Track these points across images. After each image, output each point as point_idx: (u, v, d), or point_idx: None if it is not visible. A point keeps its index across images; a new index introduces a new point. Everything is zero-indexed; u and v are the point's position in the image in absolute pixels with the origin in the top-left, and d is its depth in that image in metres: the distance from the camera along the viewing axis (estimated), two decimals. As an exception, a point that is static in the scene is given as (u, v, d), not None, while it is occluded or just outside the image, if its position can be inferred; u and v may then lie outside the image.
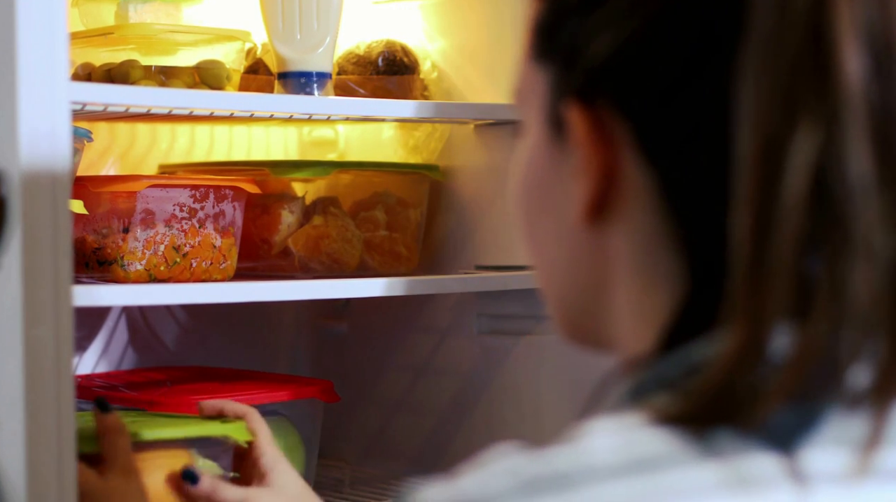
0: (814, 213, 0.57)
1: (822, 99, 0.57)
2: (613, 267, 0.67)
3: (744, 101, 0.58)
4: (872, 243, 0.57)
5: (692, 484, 0.57)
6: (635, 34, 0.63)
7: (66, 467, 1.21)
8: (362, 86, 1.75)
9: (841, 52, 0.57)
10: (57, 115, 1.22)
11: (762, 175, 0.58)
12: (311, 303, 1.97)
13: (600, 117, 0.65)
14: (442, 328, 1.85)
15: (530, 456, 0.58)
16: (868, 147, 0.57)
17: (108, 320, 1.83)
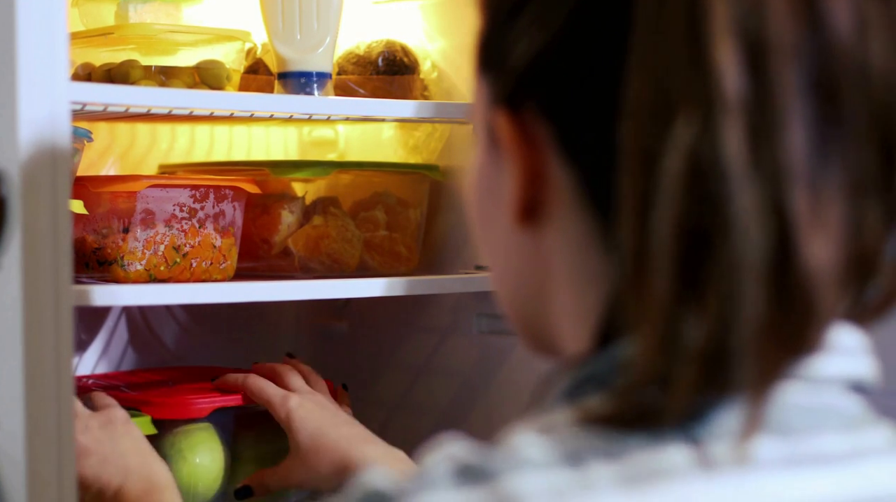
0: (692, 200, 0.59)
1: (698, 90, 0.59)
2: (551, 269, 0.69)
3: (628, 93, 0.61)
4: (748, 228, 0.59)
5: (604, 481, 0.59)
6: (547, 40, 0.66)
7: (66, 467, 1.21)
8: (362, 86, 1.75)
9: (715, 46, 0.59)
10: (57, 116, 1.22)
11: (642, 164, 0.60)
12: (311, 303, 1.97)
13: (525, 121, 0.68)
14: (442, 328, 1.85)
15: (469, 447, 0.61)
16: (740, 135, 0.59)
17: (108, 320, 1.83)
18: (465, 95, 1.79)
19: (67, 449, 1.21)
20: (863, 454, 0.65)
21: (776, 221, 0.59)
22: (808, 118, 0.61)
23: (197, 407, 1.57)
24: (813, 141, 0.61)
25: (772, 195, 0.60)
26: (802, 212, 0.60)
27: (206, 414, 1.57)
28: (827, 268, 0.61)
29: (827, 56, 0.61)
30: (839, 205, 0.62)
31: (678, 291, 0.60)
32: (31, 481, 1.19)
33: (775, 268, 0.60)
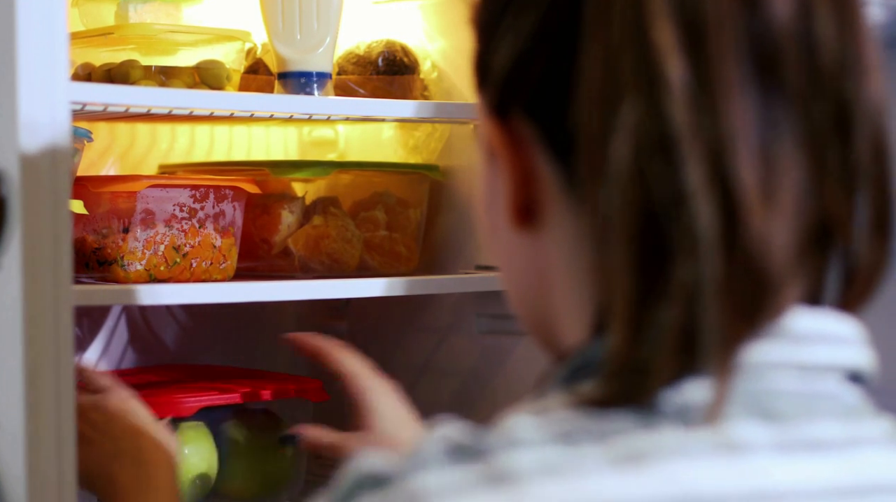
0: (643, 181, 0.62)
1: (641, 72, 0.62)
2: (550, 268, 0.71)
3: (581, 81, 0.64)
4: (698, 201, 0.61)
5: (594, 459, 0.61)
6: (520, 46, 0.69)
7: (66, 467, 1.21)
8: (362, 86, 1.75)
9: (654, 28, 0.62)
10: (57, 116, 1.22)
11: (595, 148, 0.63)
12: (311, 303, 1.97)
13: (513, 126, 0.71)
14: (442, 328, 1.85)
15: (462, 428, 0.63)
16: (683, 111, 0.61)
17: (108, 320, 1.83)
18: (465, 95, 1.79)
19: (67, 448, 1.21)
20: (859, 442, 0.66)
21: (724, 193, 0.61)
22: (752, 90, 0.63)
23: (184, 405, 1.57)
24: (758, 111, 0.63)
25: (718, 168, 0.61)
26: (750, 182, 0.61)
27: (192, 412, 1.57)
28: (781, 237, 0.62)
29: (767, 33, 0.63)
30: (793, 174, 0.63)
31: (641, 274, 0.61)
32: (31, 481, 1.19)
33: (727, 240, 0.61)
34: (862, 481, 0.64)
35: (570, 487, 0.60)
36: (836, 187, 0.65)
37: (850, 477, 0.64)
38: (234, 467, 1.61)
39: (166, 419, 1.48)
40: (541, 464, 0.60)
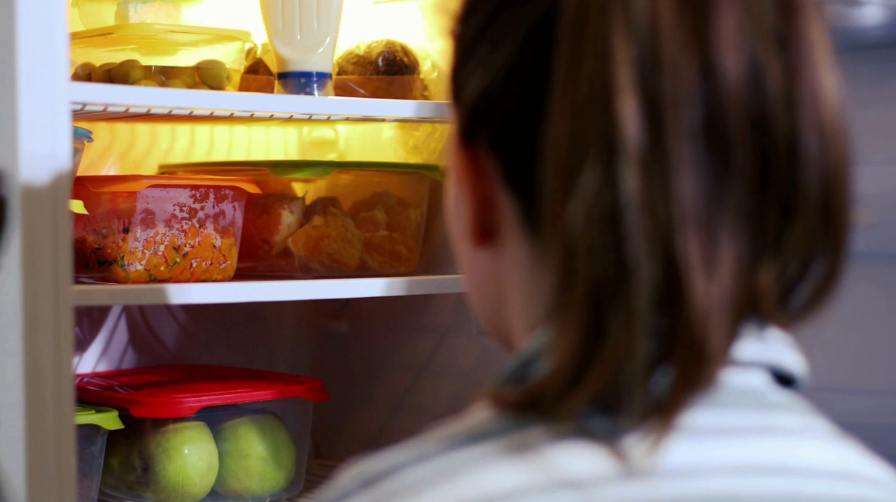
0: (594, 241, 0.64)
1: (603, 139, 0.64)
2: (505, 284, 0.75)
3: (548, 137, 0.66)
4: (640, 269, 0.64)
5: (490, 453, 0.65)
6: (491, 81, 0.71)
7: (66, 467, 1.21)
8: (362, 86, 1.75)
9: (618, 99, 0.64)
10: (57, 115, 1.22)
11: (556, 205, 0.66)
12: (311, 303, 1.97)
13: (477, 154, 0.74)
14: (442, 328, 1.85)
15: (377, 457, 0.69)
16: (637, 182, 0.64)
17: (108, 320, 1.83)
18: (465, 95, 1.79)
19: (67, 448, 1.21)
20: (773, 431, 0.69)
21: (666, 263, 0.64)
22: (701, 165, 0.65)
23: (183, 406, 1.57)
24: (705, 186, 0.65)
25: (663, 238, 0.64)
26: (693, 253, 0.64)
27: (191, 413, 1.57)
28: (717, 307, 0.64)
29: (717, 103, 0.65)
30: (731, 248, 0.65)
31: (585, 333, 0.64)
32: (31, 480, 1.19)
33: (667, 307, 0.64)
34: (770, 463, 0.67)
35: (460, 485, 0.64)
36: (768, 265, 0.67)
37: (757, 459, 0.67)
38: (234, 467, 1.61)
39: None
40: (431, 474, 0.65)
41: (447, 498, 0.64)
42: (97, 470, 1.53)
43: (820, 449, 0.69)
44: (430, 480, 0.65)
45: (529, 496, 0.63)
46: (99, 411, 1.51)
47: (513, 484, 0.64)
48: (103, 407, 1.54)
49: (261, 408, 1.65)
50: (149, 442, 1.56)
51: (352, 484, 0.67)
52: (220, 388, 1.64)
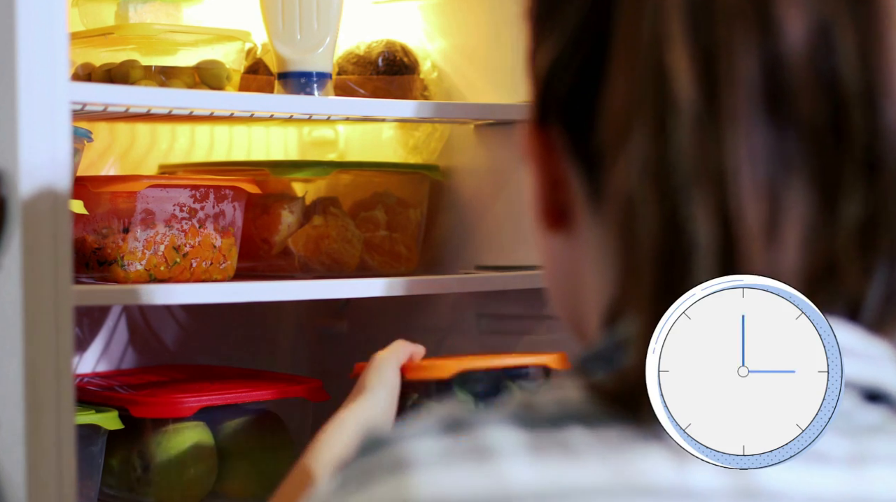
0: (651, 205, 0.62)
1: (654, 97, 0.63)
2: (579, 269, 0.73)
3: (604, 103, 0.65)
4: (698, 235, 0.61)
5: (581, 443, 0.63)
6: (557, 56, 0.70)
7: (65, 467, 1.21)
8: (362, 86, 1.75)
9: (669, 53, 0.62)
10: (57, 115, 1.22)
11: (610, 170, 0.64)
12: (311, 303, 1.97)
13: (548, 132, 0.72)
14: (442, 328, 1.85)
15: (465, 404, 0.66)
16: (689, 142, 0.62)
17: (108, 320, 1.83)
18: (465, 95, 1.79)
19: (67, 448, 1.21)
20: (865, 459, 0.65)
21: (724, 227, 0.61)
22: (760, 122, 0.62)
23: (183, 406, 1.57)
24: (765, 145, 0.62)
25: (720, 201, 0.61)
26: (753, 217, 0.61)
27: (191, 413, 1.57)
28: (784, 274, 0.62)
29: (778, 56, 0.63)
30: (800, 211, 0.63)
31: (655, 300, 0.63)
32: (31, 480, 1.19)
33: (727, 273, 0.62)
34: (864, 494, 0.64)
35: (553, 472, 0.61)
36: (849, 229, 0.64)
37: (850, 490, 0.64)
38: (234, 467, 1.61)
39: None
40: (525, 445, 0.62)
41: (538, 475, 0.62)
42: (97, 470, 1.53)
43: None
44: (518, 449, 0.62)
45: (614, 496, 0.62)
46: (99, 411, 1.51)
47: (598, 482, 0.62)
48: (103, 407, 1.54)
49: (261, 408, 1.65)
50: (149, 442, 1.56)
51: (432, 425, 0.64)
52: (220, 388, 1.64)
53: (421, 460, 0.62)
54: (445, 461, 0.62)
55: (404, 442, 0.63)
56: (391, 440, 0.64)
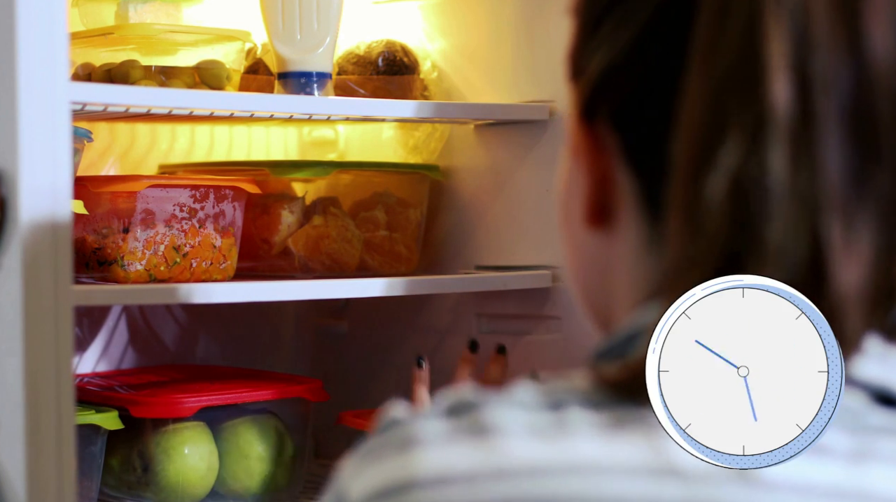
0: (732, 217, 0.63)
1: (750, 114, 0.63)
2: (614, 267, 0.74)
3: (683, 111, 0.66)
4: (784, 248, 0.63)
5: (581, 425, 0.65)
6: (617, 55, 0.70)
7: (66, 467, 1.21)
8: (362, 86, 1.75)
9: (772, 77, 0.63)
10: (57, 115, 1.22)
11: (689, 181, 0.64)
12: (311, 303, 1.97)
13: (598, 130, 0.72)
14: (442, 328, 1.85)
15: (474, 388, 0.68)
16: (785, 160, 0.63)
17: (108, 320, 1.83)
18: (465, 95, 1.79)
19: (67, 448, 1.21)
20: (866, 456, 0.65)
21: (811, 244, 0.63)
22: (846, 146, 0.64)
23: (183, 406, 1.57)
24: (849, 169, 0.64)
25: (808, 218, 0.63)
26: (836, 236, 0.63)
27: (191, 413, 1.57)
28: (856, 294, 0.63)
29: (866, 83, 0.64)
30: (870, 233, 0.64)
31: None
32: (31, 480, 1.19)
33: (808, 291, 0.63)
34: (862, 490, 0.64)
35: (551, 448, 0.63)
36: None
37: (848, 484, 0.64)
38: (234, 467, 1.61)
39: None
40: (525, 424, 0.64)
41: (536, 451, 0.64)
42: (97, 470, 1.53)
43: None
44: (516, 427, 0.65)
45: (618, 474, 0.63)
46: (99, 411, 1.51)
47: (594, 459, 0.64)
48: (103, 407, 1.54)
49: (261, 408, 1.65)
50: (149, 442, 1.56)
51: (437, 408, 0.67)
52: (220, 388, 1.64)
53: (426, 439, 0.66)
54: (447, 439, 0.65)
55: (413, 423, 0.67)
56: (403, 420, 0.68)
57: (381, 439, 0.68)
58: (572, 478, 0.63)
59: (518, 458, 0.64)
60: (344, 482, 0.69)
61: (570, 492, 0.63)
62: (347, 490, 0.68)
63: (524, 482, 0.63)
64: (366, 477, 0.67)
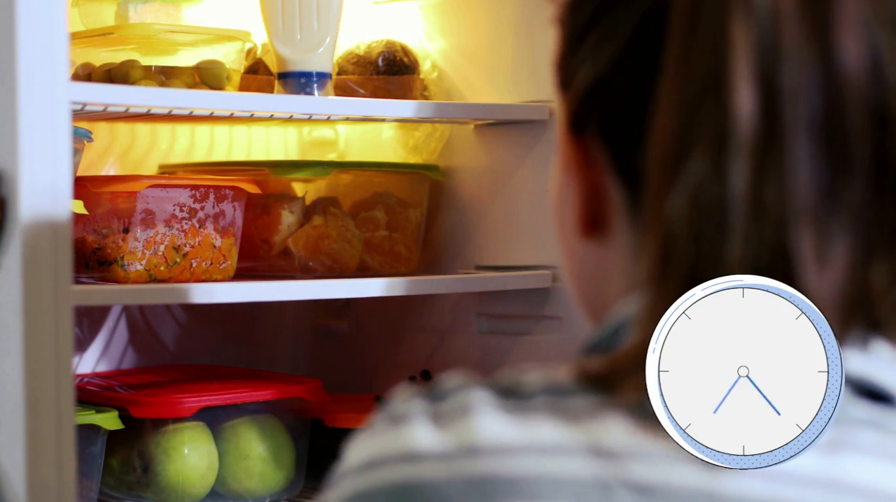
0: (694, 232, 0.64)
1: (715, 127, 0.64)
2: (609, 276, 0.75)
3: (654, 125, 0.66)
4: (743, 262, 0.63)
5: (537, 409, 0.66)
6: (601, 70, 0.71)
7: (66, 467, 1.21)
8: (362, 86, 1.75)
9: (735, 89, 0.63)
10: (57, 115, 1.22)
11: (659, 194, 0.65)
12: (311, 303, 1.97)
13: (586, 143, 0.73)
14: (442, 328, 1.85)
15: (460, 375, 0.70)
16: (746, 175, 0.63)
17: (108, 320, 1.83)
18: (465, 95, 1.79)
19: (67, 448, 1.22)
20: (841, 446, 0.66)
21: (778, 256, 0.63)
22: (817, 158, 0.64)
23: (183, 406, 1.57)
24: (820, 180, 0.64)
25: (775, 231, 0.63)
26: (806, 248, 0.63)
27: (191, 413, 1.57)
28: (829, 304, 0.64)
29: (837, 94, 0.64)
30: (845, 243, 0.64)
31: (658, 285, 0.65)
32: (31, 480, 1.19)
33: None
34: (836, 479, 0.65)
35: (511, 427, 0.65)
36: (885, 264, 0.66)
37: (822, 473, 0.65)
38: (234, 467, 1.61)
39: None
40: (492, 406, 0.66)
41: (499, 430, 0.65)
42: (97, 470, 1.53)
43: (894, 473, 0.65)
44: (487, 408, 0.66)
45: (563, 454, 0.64)
46: (99, 411, 1.51)
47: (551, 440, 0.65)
48: (103, 407, 1.54)
49: (261, 408, 1.65)
50: (149, 442, 1.56)
51: (415, 394, 0.69)
52: (220, 388, 1.64)
53: (413, 417, 0.68)
54: (429, 418, 0.67)
55: (402, 403, 0.69)
56: (395, 401, 0.70)
57: (378, 417, 0.71)
58: (533, 458, 0.64)
59: (485, 438, 0.65)
60: (345, 453, 0.71)
61: (531, 471, 0.64)
62: (346, 458, 0.70)
63: (491, 460, 0.65)
64: (361, 448, 0.70)
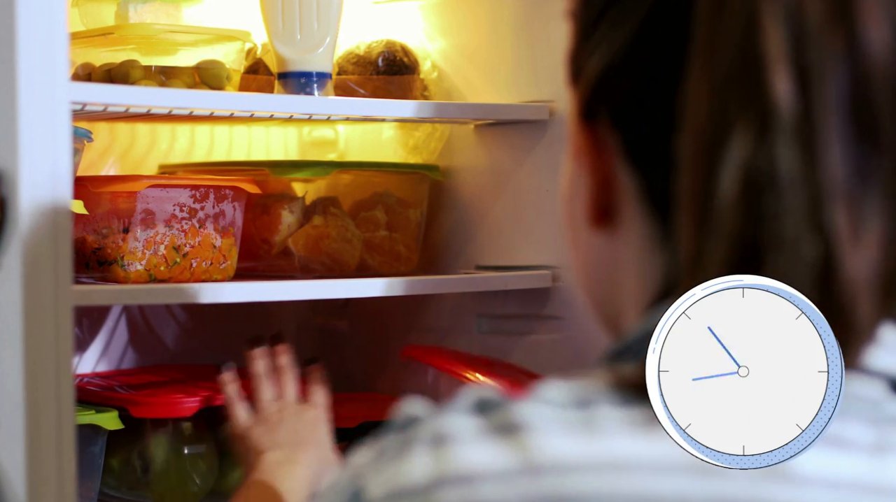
0: (746, 213, 0.64)
1: (754, 109, 0.64)
2: (620, 266, 0.74)
3: (686, 109, 0.66)
4: (798, 240, 0.63)
5: (610, 422, 0.65)
6: (615, 56, 0.71)
7: (66, 467, 1.21)
8: (362, 86, 1.75)
9: (772, 70, 0.64)
10: (57, 115, 1.22)
11: (699, 177, 0.65)
12: (311, 303, 1.97)
13: (598, 131, 0.73)
14: (442, 328, 1.85)
15: (495, 390, 0.68)
16: (794, 152, 0.64)
17: (108, 320, 1.83)
18: (465, 95, 1.79)
19: (67, 448, 1.22)
20: (887, 449, 0.66)
21: (821, 235, 0.63)
22: (847, 137, 0.64)
23: (183, 406, 1.57)
24: (851, 159, 0.64)
25: (816, 210, 0.63)
26: (842, 226, 0.63)
27: (191, 413, 1.57)
28: (866, 283, 0.64)
29: (862, 74, 0.65)
30: (879, 221, 0.65)
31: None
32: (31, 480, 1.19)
33: (820, 281, 0.63)
34: (885, 483, 0.65)
35: (584, 445, 0.64)
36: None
37: (872, 478, 0.65)
38: (234, 467, 1.61)
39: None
40: (554, 420, 0.64)
41: (569, 448, 0.64)
42: (97, 470, 1.53)
43: None
44: (552, 426, 0.65)
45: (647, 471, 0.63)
46: (99, 411, 1.51)
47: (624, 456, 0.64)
48: (103, 407, 1.54)
49: (261, 408, 1.65)
50: (149, 442, 1.56)
51: (462, 405, 0.67)
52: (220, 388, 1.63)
53: (457, 435, 0.65)
54: (478, 436, 0.65)
55: (442, 419, 0.66)
56: (428, 416, 0.67)
57: (403, 436, 0.67)
58: (607, 476, 0.63)
59: (550, 455, 0.64)
60: (360, 479, 0.67)
61: (604, 490, 0.63)
62: (364, 487, 0.67)
63: (557, 479, 0.63)
64: (388, 474, 0.66)
